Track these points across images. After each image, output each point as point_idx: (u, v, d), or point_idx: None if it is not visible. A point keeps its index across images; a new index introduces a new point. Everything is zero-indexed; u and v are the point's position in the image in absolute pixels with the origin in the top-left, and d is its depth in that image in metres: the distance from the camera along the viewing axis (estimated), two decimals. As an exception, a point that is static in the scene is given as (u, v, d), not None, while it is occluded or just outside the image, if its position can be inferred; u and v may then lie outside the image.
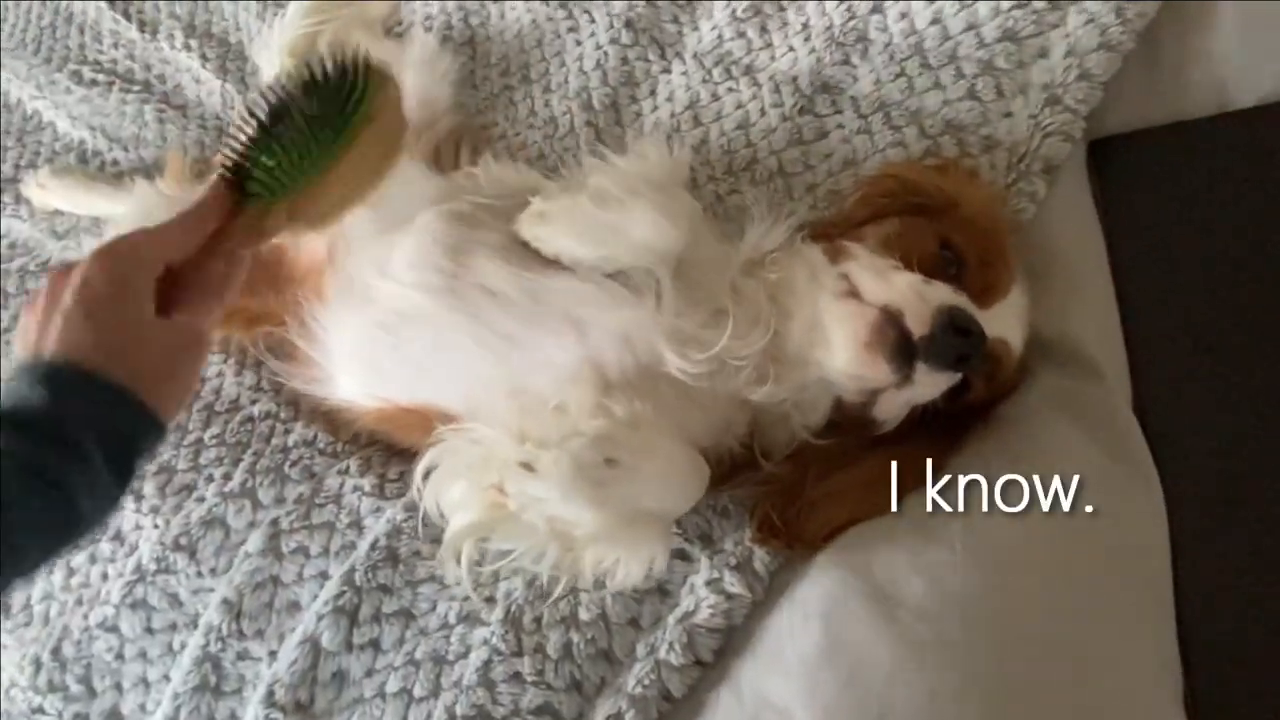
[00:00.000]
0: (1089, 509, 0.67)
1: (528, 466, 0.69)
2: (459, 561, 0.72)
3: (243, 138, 0.63)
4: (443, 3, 1.19)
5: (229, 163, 0.63)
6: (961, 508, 0.68)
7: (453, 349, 0.78)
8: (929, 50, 0.92)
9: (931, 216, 0.77)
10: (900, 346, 0.67)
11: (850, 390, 0.73)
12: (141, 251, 0.57)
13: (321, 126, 0.63)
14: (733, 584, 0.72)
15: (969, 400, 0.74)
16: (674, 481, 0.70)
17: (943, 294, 0.68)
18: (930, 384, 0.68)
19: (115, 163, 1.20)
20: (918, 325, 0.67)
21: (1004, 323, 0.73)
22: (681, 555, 0.77)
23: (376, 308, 0.82)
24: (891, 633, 0.62)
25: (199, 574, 0.84)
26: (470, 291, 0.78)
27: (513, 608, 0.75)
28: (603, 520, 0.68)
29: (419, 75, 1.07)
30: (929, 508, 0.70)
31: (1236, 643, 0.63)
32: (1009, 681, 0.60)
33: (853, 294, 0.71)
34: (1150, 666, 0.63)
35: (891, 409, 0.72)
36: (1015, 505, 0.67)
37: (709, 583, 0.73)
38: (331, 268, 0.89)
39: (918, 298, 0.67)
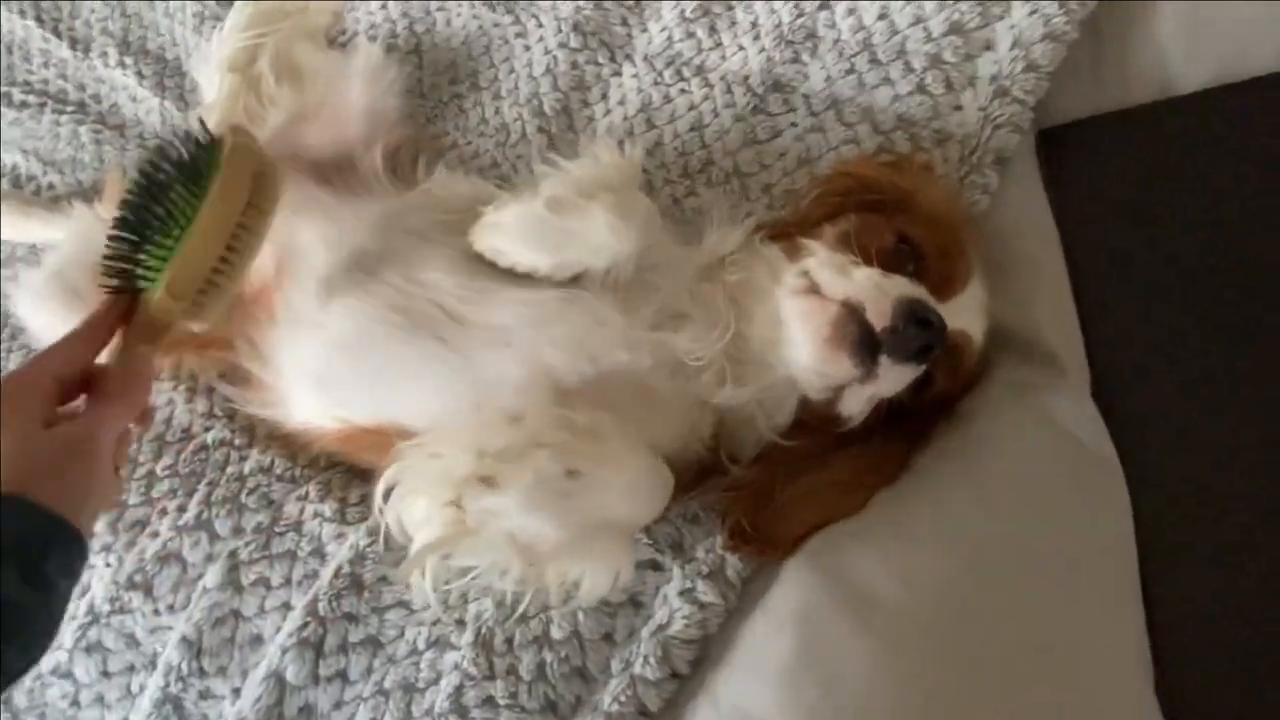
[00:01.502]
0: (1056, 501, 0.67)
1: (487, 481, 0.67)
2: (425, 580, 0.71)
3: (112, 245, 0.66)
4: (386, 10, 1.17)
5: (110, 271, 0.66)
6: (931, 504, 0.68)
7: (409, 366, 0.77)
8: (877, 46, 0.92)
9: (888, 212, 0.77)
10: (862, 340, 0.67)
11: (815, 388, 0.73)
12: (30, 377, 0.61)
13: (184, 201, 0.66)
14: (706, 593, 0.71)
15: (932, 394, 0.74)
16: (638, 491, 0.69)
17: (902, 286, 0.68)
18: (894, 377, 0.68)
19: (51, 187, 1.16)
20: (879, 318, 0.66)
21: (964, 315, 0.73)
22: (653, 565, 0.76)
23: (330, 328, 0.80)
24: (867, 637, 0.62)
25: (156, 612, 0.81)
26: (424, 308, 0.76)
27: (483, 630, 0.74)
28: (565, 533, 0.66)
29: (365, 86, 1.04)
30: (899, 505, 0.69)
31: (1205, 629, 0.64)
32: (986, 678, 0.59)
33: (812, 290, 0.71)
34: (1123, 654, 0.63)
35: (856, 404, 0.72)
36: (984, 499, 0.67)
37: (682, 592, 0.72)
38: (281, 288, 0.86)
39: (878, 291, 0.67)
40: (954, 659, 0.60)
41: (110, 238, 0.66)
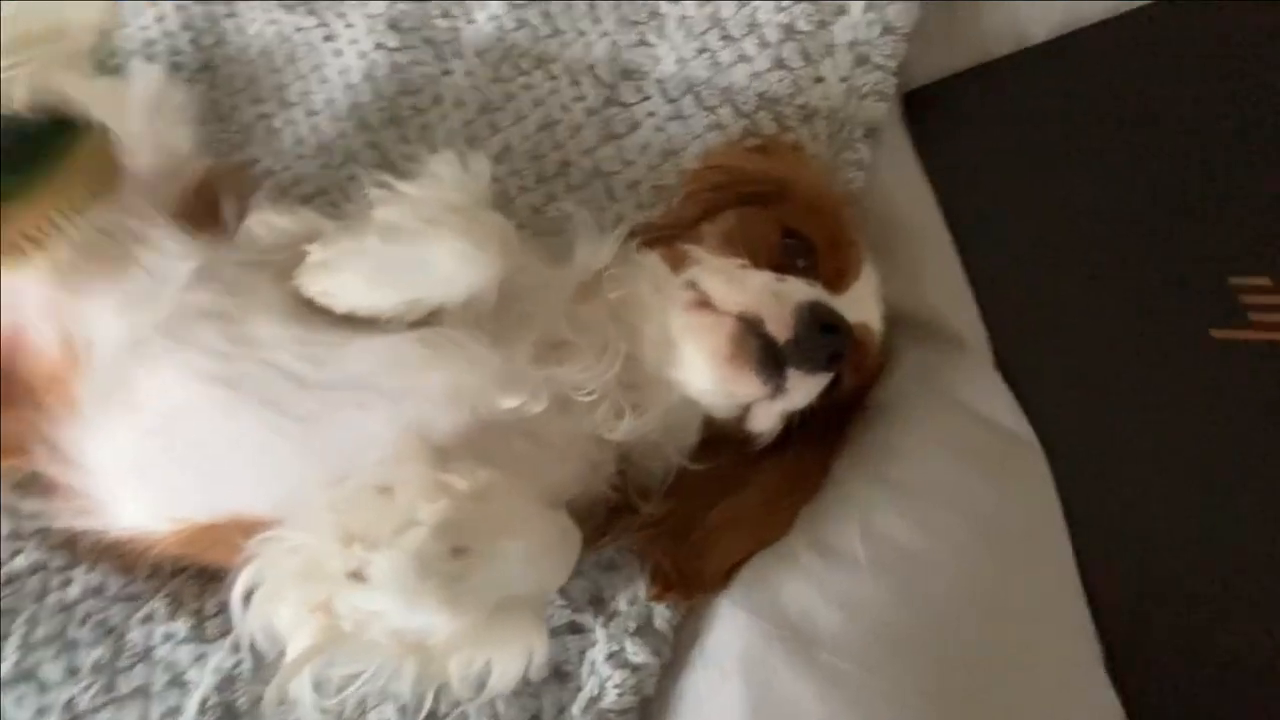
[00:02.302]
0: (981, 497, 0.64)
1: (357, 575, 0.56)
2: (307, 695, 0.60)
3: None
4: (164, 24, 1.00)
5: None
6: (856, 521, 0.63)
7: (245, 443, 0.64)
8: (726, 20, 0.85)
9: (767, 204, 0.71)
10: (766, 355, 0.61)
11: (720, 407, 0.66)
12: None
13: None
14: (636, 653, 0.64)
15: (841, 394, 0.69)
16: (541, 557, 0.61)
17: (800, 290, 0.62)
18: (804, 388, 0.63)
19: None
20: (780, 329, 0.61)
21: (863, 305, 0.69)
22: (572, 628, 0.69)
23: (144, 410, 0.67)
24: (817, 678, 0.57)
25: (-20, 798, 0.66)
26: (252, 370, 0.64)
27: (391, 740, 0.64)
28: (461, 622, 0.56)
29: (148, 117, 0.89)
30: (824, 523, 0.65)
31: (1140, 593, 0.63)
32: (943, 694, 0.56)
33: (704, 303, 0.64)
34: (1073, 642, 0.61)
35: (767, 420, 0.66)
36: (910, 509, 0.63)
37: (610, 656, 0.65)
38: (77, 370, 0.72)
39: (774, 299, 0.61)
40: (908, 683, 0.56)
41: None
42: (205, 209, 0.84)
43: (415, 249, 0.62)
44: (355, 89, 0.93)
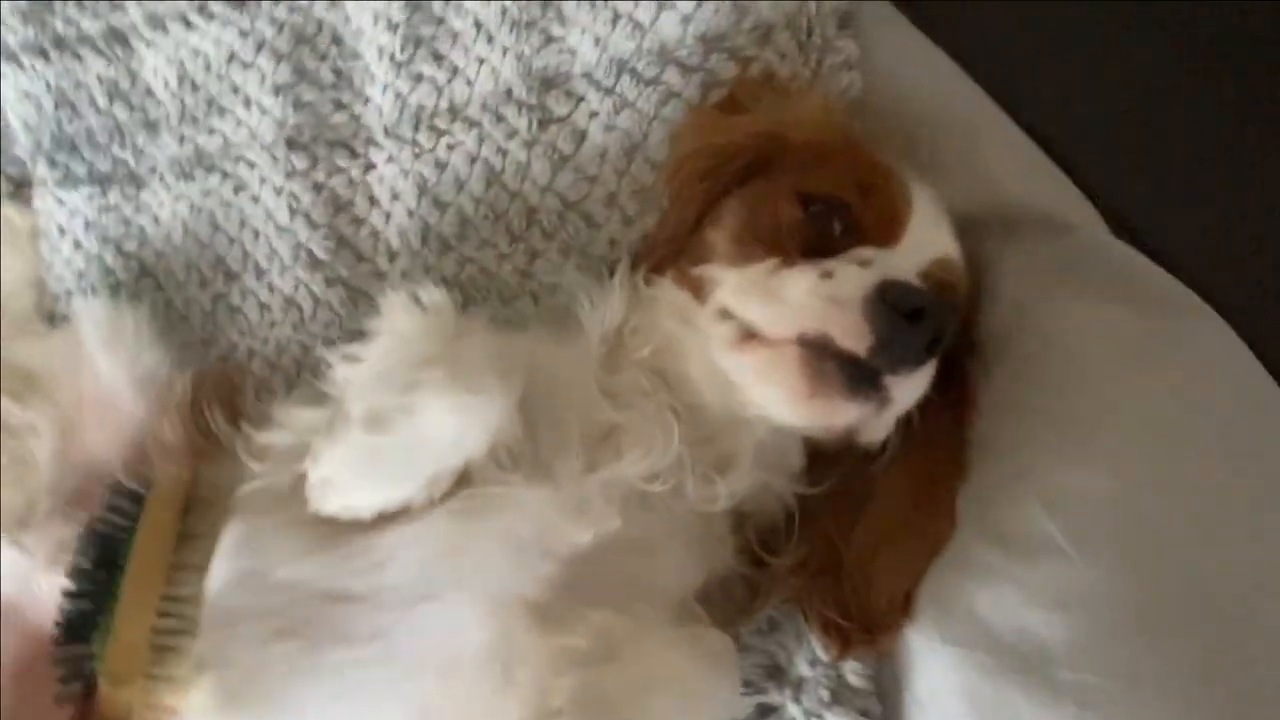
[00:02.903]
0: (1159, 388, 0.51)
1: None
2: None
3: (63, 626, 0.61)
4: (83, 248, 0.92)
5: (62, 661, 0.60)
6: (1032, 486, 0.52)
7: (331, 692, 0.57)
8: (626, -32, 0.71)
9: (769, 172, 0.59)
10: (853, 374, 0.50)
11: (819, 433, 0.56)
12: None
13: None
14: (843, 723, 0.56)
15: (946, 345, 0.57)
16: (697, 691, 0.52)
17: (855, 278, 0.50)
18: (910, 387, 0.52)
19: None
20: (856, 340, 0.49)
21: (929, 239, 0.56)
22: (762, 712, 0.61)
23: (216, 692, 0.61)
24: (1066, 704, 0.46)
25: None
26: (304, 612, 0.57)
27: None
28: None
29: (111, 353, 0.83)
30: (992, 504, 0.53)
31: None
32: (1228, 673, 0.45)
33: (750, 336, 0.53)
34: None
35: (880, 430, 0.55)
36: (1080, 444, 0.51)
37: (815, 736, 0.57)
38: None
39: (832, 305, 0.50)
40: (1174, 678, 0.45)
41: (61, 618, 0.61)
42: (202, 427, 0.78)
43: (408, 429, 0.53)
44: (292, 230, 0.84)
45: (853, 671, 0.58)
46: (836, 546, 0.59)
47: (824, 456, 0.60)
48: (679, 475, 0.56)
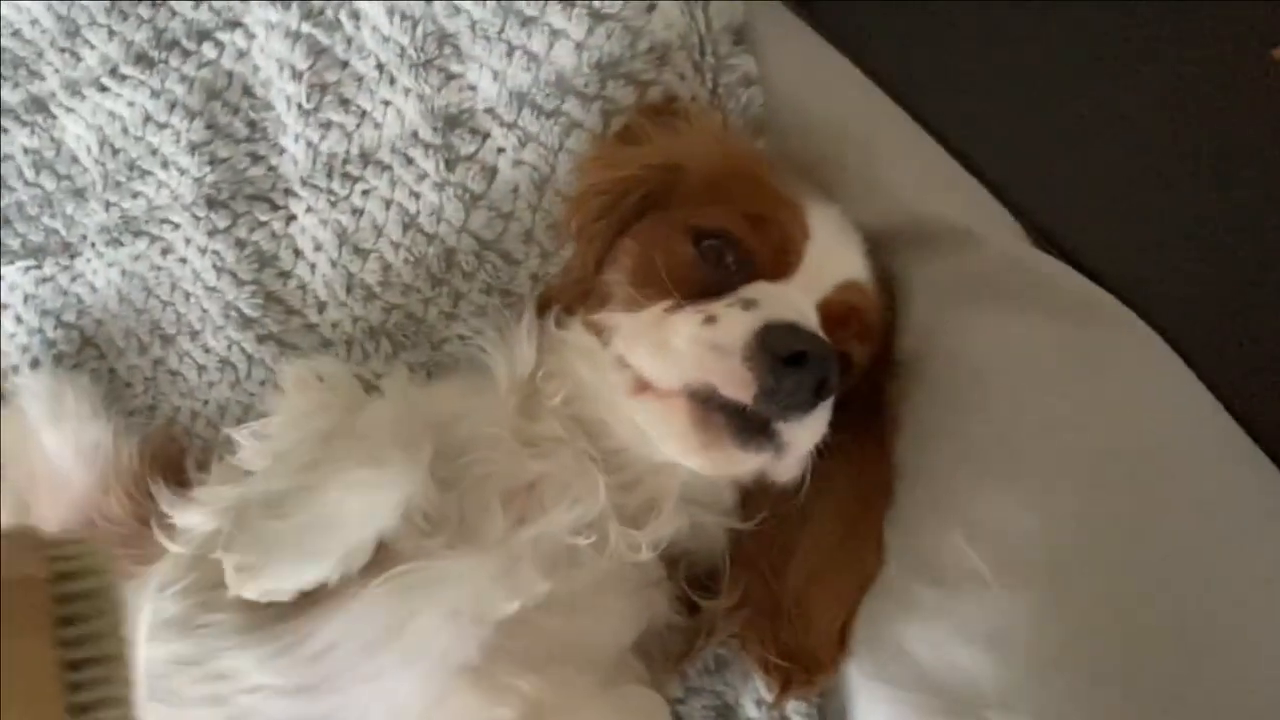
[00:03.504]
0: (1076, 400, 0.49)
1: None
2: None
3: None
4: (23, 323, 0.92)
5: None
6: (956, 513, 0.49)
7: None
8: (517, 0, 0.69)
9: (664, 203, 0.56)
10: (740, 424, 0.48)
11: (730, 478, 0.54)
12: None
13: None
14: (787, 768, 0.54)
15: (859, 369, 0.55)
16: None
17: (737, 323, 0.48)
18: (806, 430, 0.49)
19: None
20: (739, 389, 0.47)
21: (829, 265, 0.54)
22: (712, 755, 0.59)
23: None
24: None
25: None
26: (247, 700, 0.56)
27: None
28: None
29: (58, 427, 0.83)
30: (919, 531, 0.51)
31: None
32: (1156, 708, 0.43)
33: (643, 386, 0.52)
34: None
35: (788, 469, 0.53)
36: (1001, 467, 0.49)
37: (763, 782, 0.55)
38: None
39: (713, 353, 0.48)
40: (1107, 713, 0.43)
41: None
42: (142, 494, 0.78)
43: (312, 509, 0.51)
44: (219, 290, 0.83)
45: (796, 712, 0.56)
46: (772, 586, 0.57)
47: (754, 493, 0.58)
48: (605, 525, 0.55)
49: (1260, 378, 0.47)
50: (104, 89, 0.86)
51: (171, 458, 0.81)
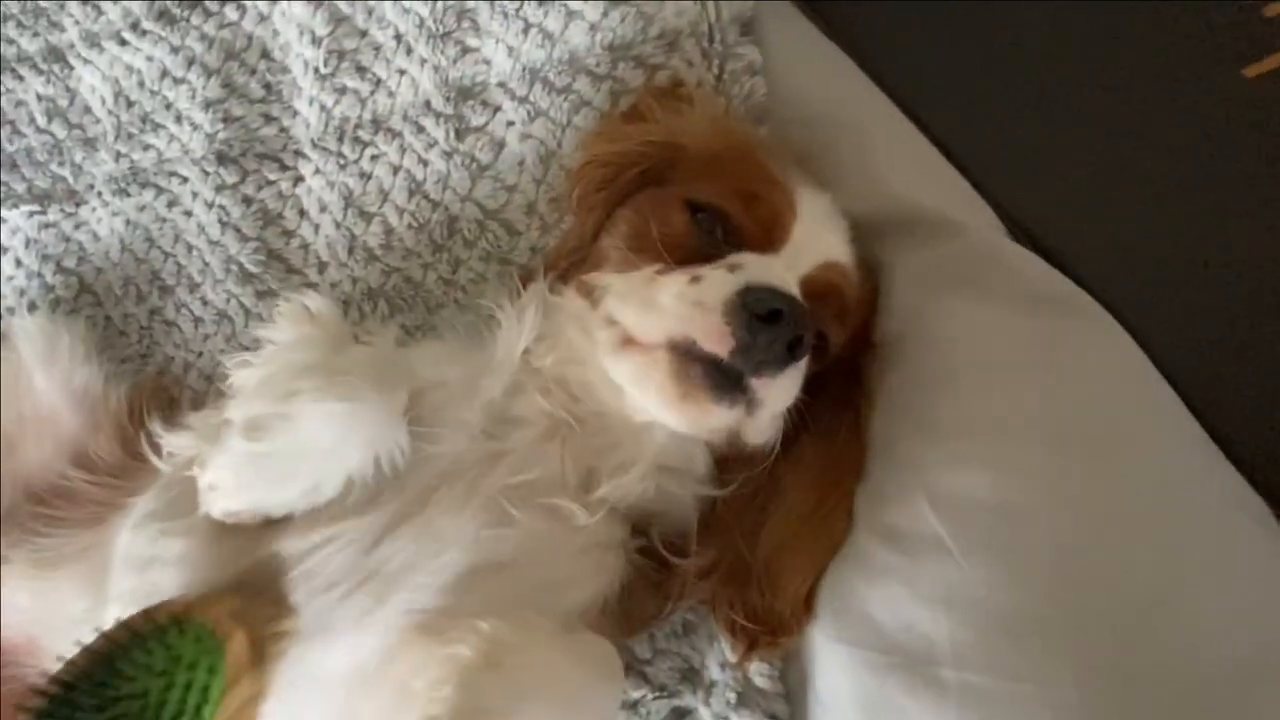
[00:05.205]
0: (1042, 387, 0.51)
1: None
2: None
3: None
4: (24, 266, 0.93)
5: None
6: (921, 487, 0.52)
7: None
8: (537, -23, 0.72)
9: (664, 180, 0.59)
10: (716, 377, 0.50)
11: (705, 437, 0.56)
12: None
13: None
14: (747, 725, 0.56)
15: (838, 347, 0.58)
16: (577, 697, 0.52)
17: (720, 283, 0.50)
18: (779, 389, 0.52)
19: None
20: (717, 342, 0.50)
21: (815, 244, 0.56)
22: (678, 714, 0.61)
23: None
24: (950, 704, 0.47)
25: None
26: None
27: None
28: None
29: (49, 369, 0.83)
30: (884, 502, 0.54)
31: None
32: (1105, 670, 0.45)
33: (628, 340, 0.54)
34: (1231, 511, 0.49)
35: (760, 431, 0.55)
36: (964, 443, 0.51)
37: (723, 738, 0.57)
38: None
39: (696, 309, 0.50)
40: (1055, 679, 0.45)
41: None
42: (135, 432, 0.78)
43: (285, 436, 0.53)
44: (220, 244, 0.84)
45: (759, 673, 0.58)
46: (742, 551, 0.59)
47: (730, 462, 0.60)
48: (581, 484, 0.57)
49: (1219, 372, 0.50)
50: (124, 43, 0.87)
51: (165, 399, 0.83)
